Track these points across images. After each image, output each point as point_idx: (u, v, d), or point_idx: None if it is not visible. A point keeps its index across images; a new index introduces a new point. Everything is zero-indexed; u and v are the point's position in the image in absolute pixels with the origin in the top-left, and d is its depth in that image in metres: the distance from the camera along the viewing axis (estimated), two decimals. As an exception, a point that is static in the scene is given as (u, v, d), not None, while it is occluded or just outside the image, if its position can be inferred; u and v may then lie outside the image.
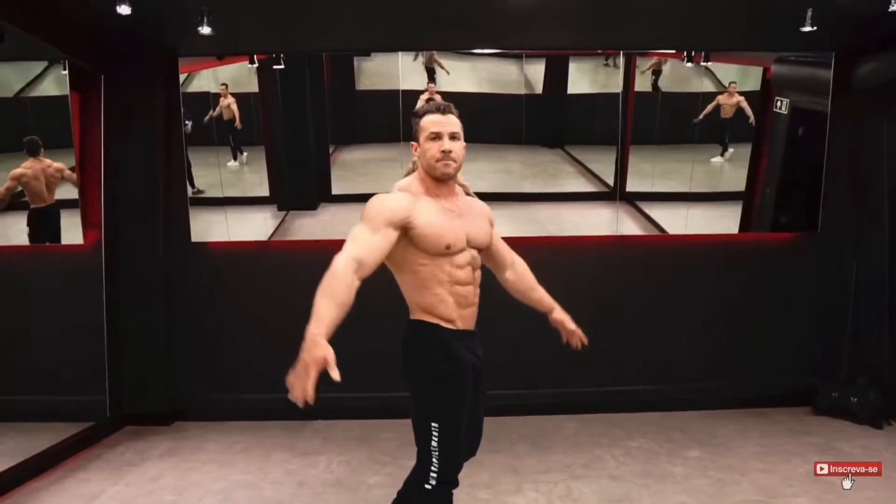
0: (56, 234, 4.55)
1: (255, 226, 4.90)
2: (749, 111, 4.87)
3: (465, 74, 4.88)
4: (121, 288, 4.49)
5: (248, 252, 4.77)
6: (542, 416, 4.56)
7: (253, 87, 4.88)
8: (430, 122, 2.20)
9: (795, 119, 4.86)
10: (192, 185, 4.79)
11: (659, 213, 4.99)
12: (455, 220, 2.21)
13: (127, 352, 4.51)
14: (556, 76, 4.98)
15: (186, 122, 4.65)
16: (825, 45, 4.53)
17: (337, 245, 5.01)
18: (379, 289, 4.77)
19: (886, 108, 4.55)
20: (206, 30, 3.85)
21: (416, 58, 4.81)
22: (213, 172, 4.83)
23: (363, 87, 4.91)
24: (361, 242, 2.05)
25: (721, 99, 4.85)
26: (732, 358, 4.79)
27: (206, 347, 4.69)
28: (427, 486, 2.18)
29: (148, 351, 4.56)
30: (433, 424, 2.15)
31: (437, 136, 2.19)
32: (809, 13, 3.79)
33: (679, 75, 5.00)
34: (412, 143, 2.27)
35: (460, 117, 2.25)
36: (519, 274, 2.55)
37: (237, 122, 4.81)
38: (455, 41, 4.71)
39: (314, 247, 4.76)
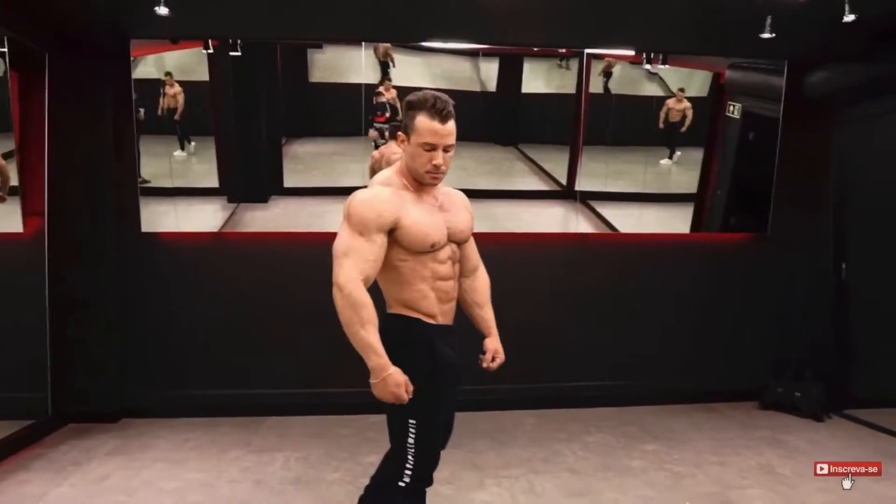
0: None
1: (204, 217, 4.73)
2: (689, 120, 4.98)
3: (418, 70, 4.82)
4: (66, 279, 4.26)
5: (200, 243, 4.60)
6: (501, 412, 4.57)
7: (202, 75, 4.71)
8: (429, 131, 2.03)
9: (747, 123, 5.00)
10: (139, 175, 4.60)
11: (610, 212, 5.07)
12: (437, 214, 2.15)
13: (71, 346, 4.28)
14: (511, 75, 5.00)
15: (139, 108, 4.46)
16: (779, 53, 4.68)
17: (292, 238, 4.92)
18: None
19: (835, 116, 4.74)
20: (163, 10, 3.69)
21: (376, 51, 4.75)
22: (161, 162, 4.65)
23: (315, 79, 4.80)
24: (362, 258, 2.00)
25: (670, 104, 4.95)
26: (683, 355, 4.91)
27: (154, 341, 4.51)
28: (401, 484, 2.13)
29: (93, 345, 4.36)
30: (411, 421, 2.10)
31: (432, 148, 2.05)
32: (769, 20, 3.90)
33: (629, 79, 5.07)
34: (399, 132, 2.14)
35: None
36: (476, 286, 2.40)
37: (178, 114, 4.62)
38: (415, 34, 4.64)
39: (269, 239, 4.64)
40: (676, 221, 5.09)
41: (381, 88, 4.70)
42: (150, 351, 4.51)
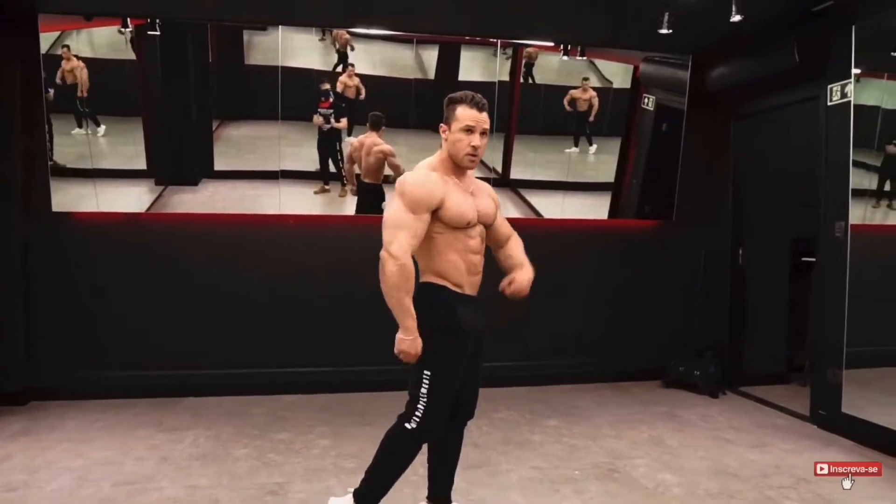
0: None
1: (129, 200, 4.68)
2: (595, 108, 5.15)
3: (361, 56, 4.86)
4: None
5: (115, 224, 4.58)
6: (416, 391, 4.70)
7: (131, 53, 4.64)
8: (467, 115, 2.38)
9: (660, 115, 5.24)
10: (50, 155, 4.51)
11: (537, 199, 5.24)
12: (470, 198, 2.46)
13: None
14: (448, 63, 5.08)
15: (49, 89, 4.38)
16: (684, 48, 4.92)
17: (211, 220, 4.90)
18: (257, 267, 4.70)
19: (734, 110, 5.01)
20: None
21: (322, 37, 4.77)
22: (82, 142, 4.58)
23: (256, 61, 4.79)
24: (412, 233, 2.29)
25: (575, 94, 5.11)
26: (595, 336, 5.14)
27: (68, 323, 4.48)
28: (407, 426, 2.41)
29: (1, 327, 4.29)
30: (426, 372, 2.37)
31: (470, 130, 2.38)
32: (666, 17, 4.10)
33: (567, 70, 5.21)
34: (441, 124, 2.45)
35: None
36: (511, 245, 2.69)
37: (80, 90, 4.50)
38: (335, 20, 4.68)
39: (187, 220, 4.65)
40: (601, 209, 5.31)
41: (344, 76, 4.79)
42: (64, 333, 4.47)
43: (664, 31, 4.16)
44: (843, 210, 3.93)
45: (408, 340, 2.31)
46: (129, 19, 4.50)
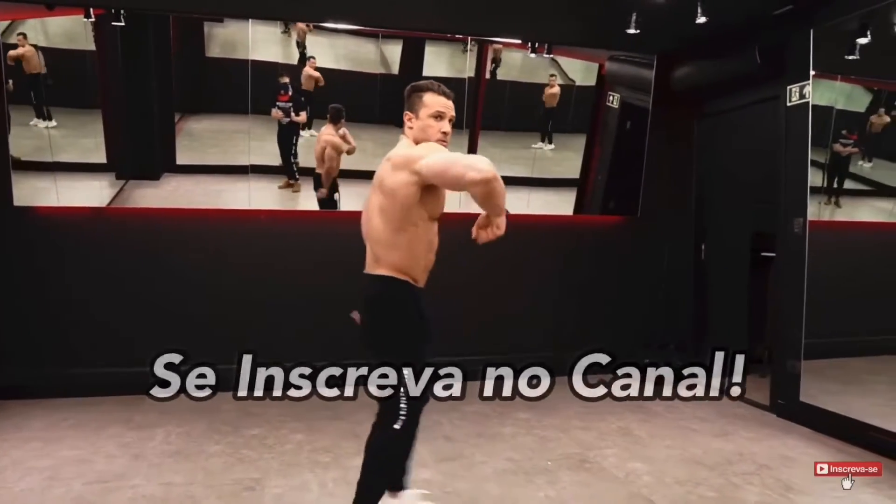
0: None
1: (90, 194, 4.58)
2: (556, 99, 5.24)
3: (324, 50, 4.85)
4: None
5: (80, 218, 4.48)
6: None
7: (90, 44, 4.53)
8: (437, 102, 2.39)
9: (624, 113, 5.35)
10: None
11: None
12: None
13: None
14: (412, 58, 5.10)
15: (8, 79, 4.25)
16: (649, 48, 5.03)
17: (175, 214, 4.83)
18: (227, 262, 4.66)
19: (697, 109, 5.16)
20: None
21: (285, 29, 4.73)
22: (38, 135, 4.45)
23: (213, 54, 4.72)
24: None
25: (547, 91, 5.20)
26: (561, 330, 5.22)
27: (32, 319, 4.38)
28: (396, 426, 2.38)
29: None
30: (405, 371, 2.36)
31: (440, 116, 2.39)
32: (634, 17, 4.20)
33: (531, 66, 5.28)
34: (406, 112, 2.42)
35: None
36: None
37: (40, 69, 4.36)
38: (305, 14, 4.65)
39: (152, 215, 4.58)
40: (566, 205, 5.39)
41: (307, 68, 4.76)
42: (27, 330, 4.36)
43: (632, 31, 4.26)
44: (801, 207, 4.10)
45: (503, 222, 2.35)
46: (91, 9, 4.38)
